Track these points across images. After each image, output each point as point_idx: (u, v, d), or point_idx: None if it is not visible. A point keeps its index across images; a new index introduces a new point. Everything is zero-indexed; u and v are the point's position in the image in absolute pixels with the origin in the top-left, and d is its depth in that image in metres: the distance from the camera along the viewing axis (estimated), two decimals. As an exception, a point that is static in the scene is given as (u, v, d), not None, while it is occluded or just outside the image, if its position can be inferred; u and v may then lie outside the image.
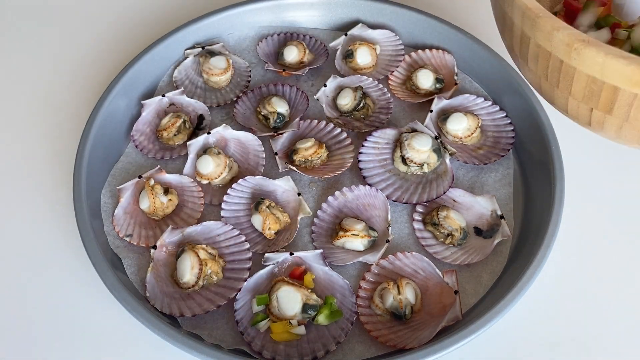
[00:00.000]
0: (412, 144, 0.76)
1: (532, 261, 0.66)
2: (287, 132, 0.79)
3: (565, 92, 0.55)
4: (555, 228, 0.68)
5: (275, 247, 0.71)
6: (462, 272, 0.71)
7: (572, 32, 0.53)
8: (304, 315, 0.65)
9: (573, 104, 0.56)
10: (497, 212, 0.73)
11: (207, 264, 0.67)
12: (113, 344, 0.68)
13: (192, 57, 0.86)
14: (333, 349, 0.64)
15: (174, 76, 0.85)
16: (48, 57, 0.94)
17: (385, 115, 0.82)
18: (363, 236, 0.71)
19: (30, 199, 0.78)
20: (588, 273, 0.73)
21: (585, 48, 0.51)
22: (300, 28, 0.92)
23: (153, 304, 0.66)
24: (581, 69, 0.52)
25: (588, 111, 0.56)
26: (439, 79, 0.85)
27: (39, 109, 0.87)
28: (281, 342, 0.65)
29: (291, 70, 0.86)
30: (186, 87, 0.85)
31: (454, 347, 0.61)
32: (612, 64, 0.49)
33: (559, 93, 0.56)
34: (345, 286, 0.68)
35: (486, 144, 0.80)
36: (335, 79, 0.84)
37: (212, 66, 0.84)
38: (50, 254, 0.74)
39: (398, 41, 0.89)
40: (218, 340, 0.66)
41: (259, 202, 0.72)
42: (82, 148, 0.74)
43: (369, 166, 0.77)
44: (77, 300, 0.71)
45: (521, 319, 0.69)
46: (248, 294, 0.67)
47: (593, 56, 0.50)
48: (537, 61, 0.56)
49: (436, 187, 0.75)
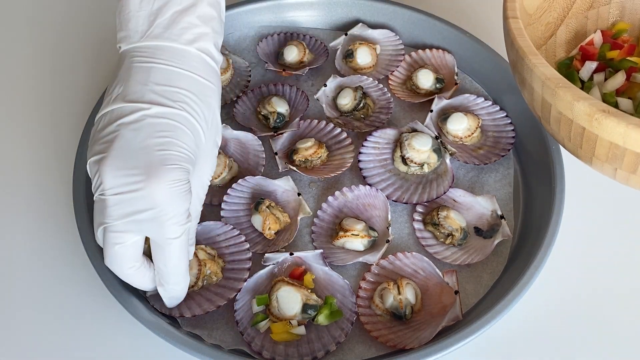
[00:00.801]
0: (412, 144, 0.76)
1: (532, 261, 0.66)
2: (287, 132, 0.79)
3: (589, 153, 0.58)
4: (555, 228, 0.68)
5: (275, 247, 0.71)
6: (462, 272, 0.71)
7: (593, 102, 0.54)
8: (304, 316, 0.65)
9: (597, 163, 0.59)
10: (497, 212, 0.73)
11: (206, 265, 0.67)
12: (113, 344, 0.68)
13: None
14: (333, 349, 0.64)
15: (174, 76, 0.85)
16: (48, 56, 0.93)
17: (386, 115, 0.82)
18: (363, 236, 0.71)
19: (30, 199, 0.78)
20: (588, 273, 0.73)
21: (606, 119, 0.52)
22: (300, 28, 0.92)
23: (153, 304, 0.66)
24: (603, 136, 0.54)
25: (613, 170, 0.58)
26: (439, 79, 0.85)
27: (39, 109, 0.87)
28: (281, 343, 0.65)
29: (291, 70, 0.86)
30: None
31: (454, 347, 0.61)
32: (633, 134, 0.51)
33: (583, 153, 0.59)
34: (345, 286, 0.68)
35: (486, 144, 0.80)
36: (335, 78, 0.84)
37: None
38: (50, 254, 0.74)
39: (398, 41, 0.89)
40: (218, 340, 0.66)
41: (258, 202, 0.72)
42: (82, 148, 0.74)
43: (369, 166, 0.77)
44: (77, 300, 0.71)
45: (521, 319, 0.69)
46: (248, 294, 0.67)
47: (614, 126, 0.52)
48: (559, 125, 0.59)
49: (436, 187, 0.75)
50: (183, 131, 0.58)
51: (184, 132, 0.58)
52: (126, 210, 0.55)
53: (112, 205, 0.55)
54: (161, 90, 0.59)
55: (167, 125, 0.57)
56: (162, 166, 0.55)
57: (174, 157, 0.56)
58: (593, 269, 0.74)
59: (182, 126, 0.58)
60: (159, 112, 0.57)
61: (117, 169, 0.55)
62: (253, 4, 0.89)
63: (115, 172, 0.54)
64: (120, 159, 0.55)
